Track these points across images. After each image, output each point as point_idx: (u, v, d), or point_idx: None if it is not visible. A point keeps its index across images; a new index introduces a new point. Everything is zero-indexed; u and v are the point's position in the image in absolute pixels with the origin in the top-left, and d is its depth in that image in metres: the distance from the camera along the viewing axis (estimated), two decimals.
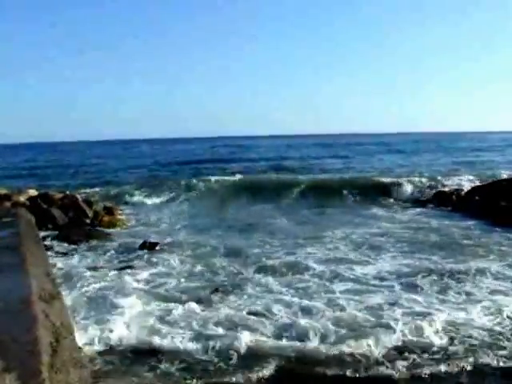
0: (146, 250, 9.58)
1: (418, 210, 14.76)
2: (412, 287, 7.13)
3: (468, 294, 6.79)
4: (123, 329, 5.67)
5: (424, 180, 18.36)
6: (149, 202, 16.88)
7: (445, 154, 39.20)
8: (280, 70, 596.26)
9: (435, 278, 7.56)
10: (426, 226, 11.97)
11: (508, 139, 66.00)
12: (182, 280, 7.71)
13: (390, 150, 46.55)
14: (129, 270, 8.27)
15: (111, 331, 5.55)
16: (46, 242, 9.88)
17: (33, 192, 14.26)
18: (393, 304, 6.38)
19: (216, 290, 7.07)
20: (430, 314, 5.98)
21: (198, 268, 8.40)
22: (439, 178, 18.98)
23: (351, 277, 7.69)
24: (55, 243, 10.36)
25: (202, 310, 6.28)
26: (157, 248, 9.70)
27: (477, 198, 14.33)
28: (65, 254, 9.52)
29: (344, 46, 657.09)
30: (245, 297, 6.83)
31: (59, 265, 8.57)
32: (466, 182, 18.01)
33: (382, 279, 7.57)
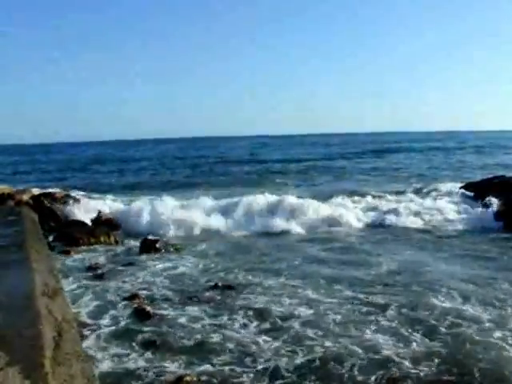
0: (145, 248, 9.62)
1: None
2: None
3: None
4: None
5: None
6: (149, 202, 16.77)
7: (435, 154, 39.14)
8: (278, 72, 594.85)
9: None
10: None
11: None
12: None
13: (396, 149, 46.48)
14: (128, 268, 8.37)
15: None
16: (48, 240, 9.94)
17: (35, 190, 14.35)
18: None
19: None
20: None
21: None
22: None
23: None
24: (57, 241, 10.43)
25: None
26: (157, 245, 9.74)
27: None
28: (67, 252, 9.58)
29: (341, 49, 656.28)
30: None
31: (61, 262, 8.63)
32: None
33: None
